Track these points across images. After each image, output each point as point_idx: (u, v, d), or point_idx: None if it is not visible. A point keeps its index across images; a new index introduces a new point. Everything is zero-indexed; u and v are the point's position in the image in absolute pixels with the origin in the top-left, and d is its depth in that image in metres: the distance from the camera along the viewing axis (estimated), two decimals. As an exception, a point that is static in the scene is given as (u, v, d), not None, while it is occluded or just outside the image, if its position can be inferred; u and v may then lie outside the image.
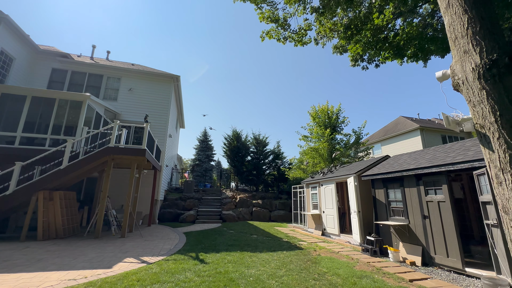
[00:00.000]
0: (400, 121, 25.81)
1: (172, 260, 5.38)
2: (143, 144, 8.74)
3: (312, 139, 14.83)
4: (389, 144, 24.28)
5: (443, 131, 22.60)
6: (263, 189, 19.12)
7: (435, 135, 22.22)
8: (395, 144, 23.79)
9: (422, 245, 5.45)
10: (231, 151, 18.89)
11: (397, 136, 23.80)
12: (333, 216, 8.87)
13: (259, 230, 10.33)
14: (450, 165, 4.89)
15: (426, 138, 21.64)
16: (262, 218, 14.05)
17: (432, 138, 21.85)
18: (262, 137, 19.82)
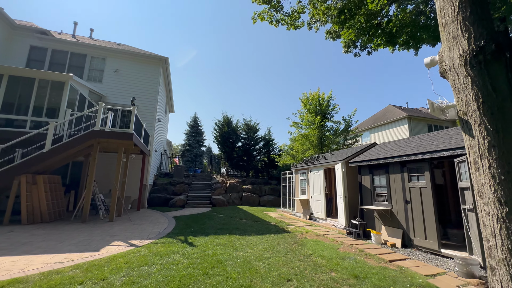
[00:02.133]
0: (389, 110, 26.20)
1: (160, 243, 5.42)
2: (130, 128, 8.52)
3: (302, 126, 14.88)
4: (377, 132, 24.75)
5: (429, 120, 23.17)
6: (253, 175, 19.20)
7: (422, 124, 22.76)
8: (383, 132, 24.26)
9: (402, 228, 5.70)
10: (222, 136, 18.75)
11: (386, 125, 24.24)
12: (320, 201, 9.09)
13: (248, 214, 10.41)
14: (433, 153, 5.04)
15: (413, 126, 22.16)
16: (251, 203, 14.21)
17: (418, 126, 22.39)
18: (253, 123, 19.72)
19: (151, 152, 12.97)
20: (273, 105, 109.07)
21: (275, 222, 8.64)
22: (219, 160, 20.93)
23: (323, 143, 14.28)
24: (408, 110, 25.09)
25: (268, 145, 19.35)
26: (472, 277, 3.81)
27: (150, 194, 13.38)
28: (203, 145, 29.83)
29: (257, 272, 3.91)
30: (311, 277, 3.85)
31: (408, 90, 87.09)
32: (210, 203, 12.93)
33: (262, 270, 4.02)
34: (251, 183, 15.95)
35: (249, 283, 3.48)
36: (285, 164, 15.32)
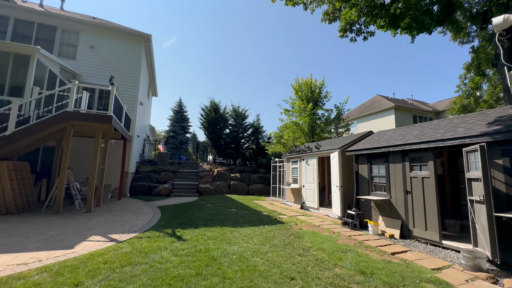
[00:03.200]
0: (377, 100, 26.45)
1: (145, 237, 4.91)
2: (109, 110, 7.69)
3: (294, 113, 14.53)
4: (364, 122, 24.98)
5: (414, 111, 23.66)
6: (241, 163, 18.90)
7: (407, 114, 23.21)
8: (370, 122, 24.54)
9: (401, 219, 5.56)
10: (209, 123, 18.12)
11: (373, 114, 24.47)
12: (313, 190, 8.88)
13: (238, 203, 10.15)
14: (439, 142, 4.81)
15: (399, 117, 22.53)
16: (240, 192, 13.98)
17: (404, 117, 22.81)
18: (242, 109, 19.20)
19: (133, 138, 12.11)
20: (263, 92, 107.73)
21: (267, 212, 8.40)
22: (205, 147, 20.34)
23: (314, 131, 14.10)
24: (394, 100, 25.44)
25: (256, 132, 18.99)
26: (479, 271, 3.67)
27: (132, 182, 12.63)
28: (188, 131, 28.36)
29: (256, 270, 3.54)
30: (315, 274, 3.54)
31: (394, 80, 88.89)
32: (197, 191, 12.54)
33: (262, 267, 3.65)
34: (239, 171, 15.63)
35: (249, 284, 3.10)
36: (274, 152, 15.06)
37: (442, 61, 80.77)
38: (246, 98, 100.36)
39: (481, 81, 11.64)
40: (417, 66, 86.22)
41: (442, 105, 25.79)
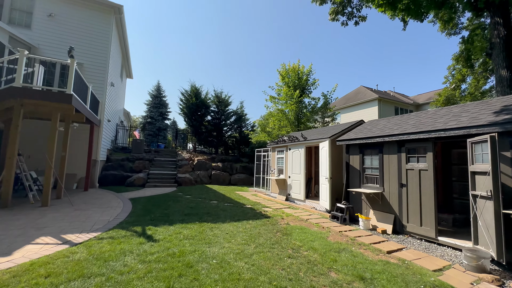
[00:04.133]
0: (361, 91, 26.57)
1: (108, 238, 4.16)
2: (68, 88, 6.60)
3: (280, 100, 14.06)
4: (348, 113, 25.06)
5: (396, 103, 24.04)
6: (223, 152, 18.46)
7: (390, 106, 23.54)
8: (354, 113, 24.65)
9: (394, 213, 5.27)
10: (189, 108, 17.19)
11: (357, 105, 24.57)
12: (299, 182, 8.51)
13: (219, 195, 9.71)
14: (441, 131, 4.44)
15: (382, 109, 22.79)
16: (221, 182, 13.61)
17: (387, 109, 23.13)
18: (225, 95, 18.39)
19: (102, 122, 10.90)
20: (247, 79, 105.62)
21: (250, 204, 7.96)
22: (185, 135, 19.39)
23: (300, 120, 13.75)
24: (378, 92, 25.65)
25: (240, 120, 18.43)
26: (483, 272, 3.39)
27: (102, 171, 11.53)
28: (167, 118, 27.12)
29: (240, 279, 2.98)
30: (309, 282, 3.05)
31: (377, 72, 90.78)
32: (175, 182, 11.91)
33: (247, 275, 3.09)
34: (221, 161, 15.28)
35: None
36: (258, 141, 14.62)
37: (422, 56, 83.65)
38: (230, 84, 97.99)
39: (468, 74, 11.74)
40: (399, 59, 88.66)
41: (422, 98, 26.50)
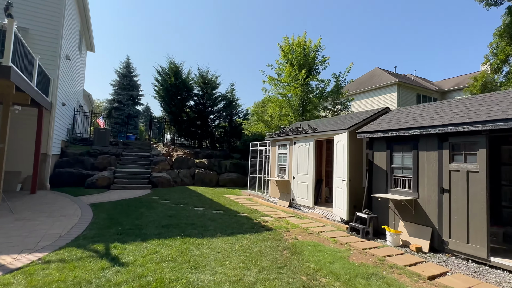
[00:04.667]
0: (376, 73, 26.42)
1: (58, 261, 3.69)
2: (4, 58, 5.97)
3: (281, 82, 13.78)
4: (361, 100, 24.90)
5: (418, 89, 24.06)
6: (209, 146, 18.43)
7: (411, 93, 23.54)
8: (367, 100, 24.54)
9: (432, 226, 5.01)
10: (167, 91, 16.80)
11: (372, 91, 24.46)
12: (307, 184, 8.30)
13: (205, 199, 9.48)
14: (501, 122, 4.11)
15: (402, 95, 22.77)
16: (207, 183, 13.62)
17: (407, 96, 23.12)
18: (211, 75, 18.16)
19: (55, 106, 10.23)
20: (240, 56, 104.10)
21: (246, 212, 7.73)
22: (162, 124, 19.04)
23: (305, 107, 13.55)
24: (397, 75, 25.62)
25: (230, 106, 18.32)
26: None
27: (55, 168, 10.99)
28: (139, 102, 27.17)
29: (242, 323, 2.57)
30: (337, 324, 2.67)
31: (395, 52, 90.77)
32: (150, 182, 11.80)
33: (251, 316, 2.69)
34: (207, 156, 15.29)
35: None
36: (254, 133, 14.44)
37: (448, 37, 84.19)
38: (219, 62, 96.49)
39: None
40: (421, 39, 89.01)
41: (449, 84, 26.59)
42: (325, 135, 7.78)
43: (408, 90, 23.40)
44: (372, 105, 23.43)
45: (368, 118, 7.25)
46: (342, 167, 6.77)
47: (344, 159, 6.66)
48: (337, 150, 7.13)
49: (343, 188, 6.66)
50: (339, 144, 6.97)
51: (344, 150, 6.66)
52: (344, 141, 6.71)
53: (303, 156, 8.54)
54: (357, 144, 7.02)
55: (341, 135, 6.95)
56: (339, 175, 6.93)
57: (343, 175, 6.66)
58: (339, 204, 6.85)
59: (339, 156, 6.97)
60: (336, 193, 7.07)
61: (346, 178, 6.54)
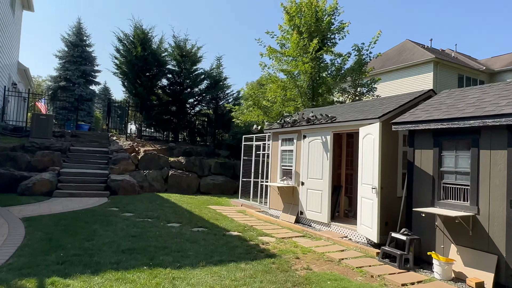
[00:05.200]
0: (407, 48, 26.28)
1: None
2: None
3: (285, 55, 13.61)
4: (386, 82, 24.70)
5: (461, 68, 24.19)
6: (187, 139, 18.64)
7: (451, 73, 23.64)
8: (395, 83, 24.42)
9: (498, 253, 4.79)
10: (131, 66, 16.72)
11: (400, 70, 24.40)
12: (321, 192, 8.23)
13: (182, 211, 9.48)
14: None
15: (440, 76, 22.80)
16: (185, 189, 13.71)
17: (446, 77, 23.20)
18: (191, 46, 18.28)
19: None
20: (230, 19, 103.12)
21: (238, 230, 7.69)
22: (125, 109, 19.13)
23: (316, 88, 13.45)
24: (433, 51, 25.56)
25: (216, 87, 18.58)
26: None
27: (-25, 168, 10.67)
28: (94, 81, 27.03)
29: None
30: None
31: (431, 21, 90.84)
32: (107, 188, 11.80)
33: None
34: (185, 154, 15.26)
35: None
36: (248, 122, 14.33)
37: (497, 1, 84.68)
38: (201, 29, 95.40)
39: None
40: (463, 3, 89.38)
41: (500, 63, 26.67)
42: (347, 126, 7.68)
43: (448, 70, 23.49)
44: (399, 88, 23.33)
45: (406, 104, 7.11)
46: (370, 170, 6.54)
47: (374, 159, 6.40)
48: (363, 147, 6.96)
49: (372, 199, 6.40)
50: (367, 139, 6.76)
51: (375, 147, 6.39)
52: (374, 134, 6.45)
53: (316, 154, 8.43)
54: (391, 139, 6.90)
55: (370, 127, 6.72)
56: (366, 180, 6.72)
57: (373, 181, 6.40)
58: (366, 220, 6.63)
59: (366, 155, 6.78)
60: (361, 206, 6.89)
61: (377, 186, 6.26)
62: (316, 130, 8.48)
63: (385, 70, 24.95)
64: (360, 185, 6.99)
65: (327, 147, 8.04)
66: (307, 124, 8.72)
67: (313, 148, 8.53)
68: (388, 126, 6.53)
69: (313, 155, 8.51)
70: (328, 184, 7.95)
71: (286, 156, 9.69)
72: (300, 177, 8.88)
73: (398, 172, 6.94)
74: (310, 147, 8.62)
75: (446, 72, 23.35)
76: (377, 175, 6.28)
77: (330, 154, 7.97)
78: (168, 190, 13.24)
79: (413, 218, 5.98)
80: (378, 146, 6.28)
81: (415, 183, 6.03)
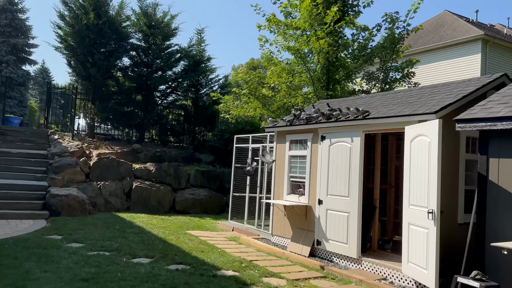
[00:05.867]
0: (446, 21, 26.32)
1: None
2: None
3: (291, 28, 13.61)
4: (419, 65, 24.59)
5: (516, 49, 24.15)
6: (157, 139, 18.95)
7: (505, 55, 23.82)
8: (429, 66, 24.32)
9: None
10: (81, 38, 16.75)
11: (437, 51, 24.29)
12: (347, 215, 7.99)
13: (153, 240, 9.23)
14: None
15: (490, 58, 22.85)
16: (155, 207, 13.74)
17: (499, 59, 23.35)
18: (163, 13, 18.57)
19: None
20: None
21: (232, 268, 7.46)
22: (71, 97, 18.62)
23: (331, 74, 13.54)
24: (481, 26, 25.60)
25: (197, 70, 18.87)
26: None
27: None
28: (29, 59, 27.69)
29: None
30: None
31: None
32: (46, 206, 11.66)
33: None
34: (155, 159, 15.53)
35: None
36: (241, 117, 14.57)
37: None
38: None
39: None
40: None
41: None
42: (386, 124, 7.50)
43: (501, 50, 23.66)
44: (434, 75, 23.46)
45: (471, 95, 6.91)
46: (424, 186, 6.22)
47: (430, 171, 6.06)
48: (412, 153, 6.67)
49: (428, 228, 6.03)
50: (419, 143, 6.46)
51: (431, 154, 6.04)
52: (431, 136, 6.09)
53: (340, 162, 8.27)
54: (450, 143, 6.66)
55: (422, 126, 6.43)
56: (417, 201, 6.41)
57: (428, 202, 6.04)
58: (417, 257, 6.33)
59: (418, 165, 6.47)
60: (410, 236, 6.60)
61: (435, 209, 5.87)
62: (341, 129, 8.35)
63: (416, 51, 24.79)
64: (406, 206, 6.69)
65: (357, 153, 7.82)
66: (328, 121, 8.56)
67: (335, 154, 8.36)
68: (451, 124, 6.28)
69: (335, 164, 8.34)
70: (358, 204, 7.74)
71: (297, 164, 9.64)
72: (317, 193, 8.75)
73: (459, 190, 6.73)
74: (332, 152, 8.45)
75: (499, 53, 23.52)
76: (436, 193, 5.88)
77: (361, 163, 7.77)
78: (132, 209, 13.10)
79: (487, 256, 5.69)
80: (436, 153, 5.89)
81: (489, 206, 5.73)
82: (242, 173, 12.21)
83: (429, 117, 6.46)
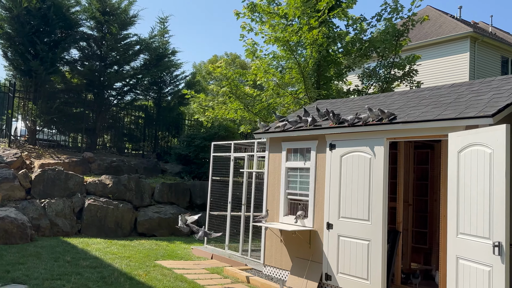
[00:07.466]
0: (430, 17, 26.50)
1: None
2: None
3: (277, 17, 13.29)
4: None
5: (505, 49, 25.16)
6: (113, 146, 18.86)
7: (493, 54, 24.54)
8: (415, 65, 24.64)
9: None
10: (20, 24, 16.46)
11: (423, 48, 24.67)
12: (367, 243, 7.28)
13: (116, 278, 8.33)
14: None
15: (479, 57, 23.45)
16: (113, 229, 13.32)
17: (487, 59, 23.99)
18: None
19: None
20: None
21: None
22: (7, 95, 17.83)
23: (322, 71, 13.45)
24: (467, 23, 26.18)
25: (159, 65, 18.86)
26: None
27: None
28: None
29: None
30: None
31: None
32: None
33: None
34: (111, 170, 15.30)
35: None
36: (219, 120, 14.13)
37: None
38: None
39: None
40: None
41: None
42: (420, 130, 6.80)
43: (489, 50, 24.40)
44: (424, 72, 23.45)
45: None
46: (484, 211, 5.54)
47: (492, 190, 5.33)
48: (462, 168, 5.99)
49: (491, 265, 5.29)
50: (473, 154, 5.76)
51: (494, 170, 5.31)
52: (493, 145, 5.35)
53: (356, 177, 7.61)
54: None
55: (477, 133, 5.76)
56: (470, 229, 5.71)
57: (492, 232, 5.30)
58: None
59: (472, 183, 5.79)
60: (460, 273, 5.90)
61: (503, 241, 5.04)
62: (357, 135, 7.66)
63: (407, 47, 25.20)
64: (453, 236, 5.95)
65: (380, 166, 7.10)
66: (339, 126, 7.80)
67: (350, 167, 7.68)
68: (509, 130, 5.59)
69: (349, 179, 7.65)
70: (383, 230, 6.99)
71: (296, 178, 9.08)
72: (325, 214, 8.08)
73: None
74: (344, 164, 7.77)
75: (486, 53, 24.28)
76: (504, 221, 5.10)
77: (385, 178, 7.07)
78: (84, 232, 12.47)
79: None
80: (504, 169, 5.08)
81: None
82: (220, 187, 11.84)
83: (482, 122, 5.79)
